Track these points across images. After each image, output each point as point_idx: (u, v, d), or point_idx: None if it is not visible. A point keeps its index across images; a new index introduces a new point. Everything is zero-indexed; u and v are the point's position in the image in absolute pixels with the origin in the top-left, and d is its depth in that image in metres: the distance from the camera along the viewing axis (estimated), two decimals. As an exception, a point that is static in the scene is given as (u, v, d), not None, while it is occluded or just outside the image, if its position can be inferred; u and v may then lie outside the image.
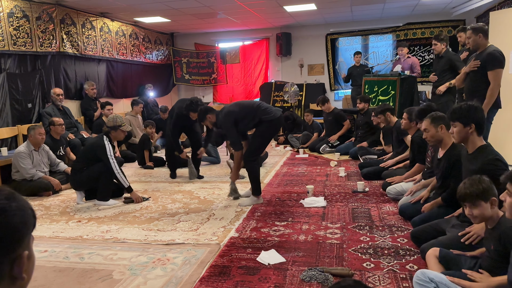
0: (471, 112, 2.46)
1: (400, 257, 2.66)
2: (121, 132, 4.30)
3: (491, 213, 1.93)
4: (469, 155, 2.52)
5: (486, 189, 1.92)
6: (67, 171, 4.95)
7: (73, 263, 2.79)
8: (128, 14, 7.79)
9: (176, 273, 2.55)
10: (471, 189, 1.94)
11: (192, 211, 3.90)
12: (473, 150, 2.49)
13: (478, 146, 2.47)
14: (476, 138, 2.48)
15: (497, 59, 3.82)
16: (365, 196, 4.15)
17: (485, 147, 2.46)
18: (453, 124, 2.53)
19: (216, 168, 6.04)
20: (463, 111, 2.47)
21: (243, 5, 7.16)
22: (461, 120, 2.46)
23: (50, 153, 4.96)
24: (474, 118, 2.45)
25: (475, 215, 1.95)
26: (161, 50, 10.03)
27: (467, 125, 2.45)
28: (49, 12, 6.35)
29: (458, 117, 2.48)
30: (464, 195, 1.96)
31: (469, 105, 2.49)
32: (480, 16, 7.77)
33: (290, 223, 3.43)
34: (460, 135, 2.50)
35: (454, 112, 2.52)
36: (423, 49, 9.16)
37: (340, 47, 9.81)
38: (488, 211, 1.92)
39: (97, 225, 3.58)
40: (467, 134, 2.47)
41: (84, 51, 7.17)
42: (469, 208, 1.97)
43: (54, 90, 6.13)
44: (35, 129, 4.72)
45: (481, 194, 1.91)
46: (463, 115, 2.46)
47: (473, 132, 2.46)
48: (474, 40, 3.93)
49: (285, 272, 2.51)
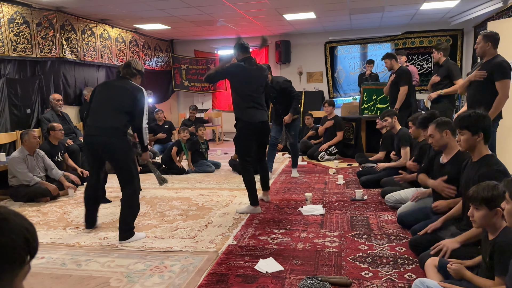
0: (480, 121, 2.43)
1: (399, 266, 2.65)
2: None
3: (493, 223, 1.92)
4: (473, 163, 2.51)
5: (495, 197, 1.88)
6: (62, 180, 4.87)
7: (70, 270, 2.77)
8: (128, 21, 7.83)
9: (174, 281, 2.54)
10: (481, 193, 1.91)
11: (190, 218, 3.89)
12: (478, 158, 2.47)
13: (484, 155, 2.45)
14: (482, 146, 2.46)
15: (505, 69, 3.74)
16: (364, 204, 4.14)
17: (490, 157, 2.44)
18: (460, 132, 2.49)
19: (215, 175, 6.03)
20: (472, 119, 2.44)
21: (242, 13, 7.20)
22: (470, 129, 2.43)
23: (45, 158, 4.93)
24: (483, 126, 2.42)
25: (475, 218, 1.95)
26: (161, 56, 10.07)
27: (476, 134, 2.42)
28: (50, 18, 6.38)
29: (466, 125, 2.45)
30: (472, 195, 1.95)
31: (478, 113, 2.46)
32: (478, 25, 7.82)
33: (288, 231, 3.42)
34: (468, 143, 2.46)
35: (462, 120, 2.49)
36: (422, 58, 9.22)
37: (339, 55, 9.87)
38: (488, 219, 1.91)
39: (94, 231, 3.57)
40: (475, 143, 2.44)
41: (83, 57, 7.19)
42: (472, 209, 1.96)
43: (53, 96, 6.14)
44: (29, 134, 4.71)
45: (487, 200, 1.89)
46: (472, 123, 2.43)
47: (481, 140, 2.44)
48: (482, 47, 3.82)
49: (283, 280, 2.50)
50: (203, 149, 6.45)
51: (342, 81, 9.95)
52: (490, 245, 1.92)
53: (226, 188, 5.10)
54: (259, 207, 3.98)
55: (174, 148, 6.19)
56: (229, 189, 5.03)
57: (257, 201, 3.99)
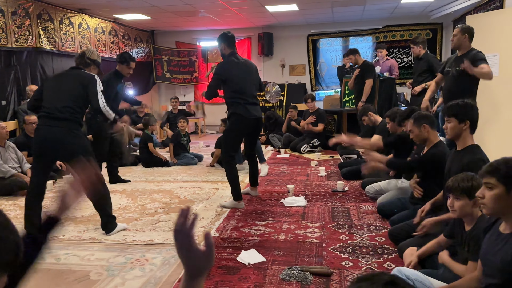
0: (467, 110, 2.48)
1: (378, 255, 2.70)
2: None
3: (471, 212, 1.97)
4: (458, 152, 2.54)
5: (475, 187, 1.91)
6: (28, 172, 4.63)
7: (49, 264, 2.72)
8: (107, 10, 7.66)
9: (155, 274, 2.53)
10: (461, 183, 1.95)
11: (172, 211, 3.86)
12: (462, 147, 2.51)
13: (468, 145, 2.49)
14: (468, 136, 2.50)
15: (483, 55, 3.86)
16: (345, 196, 4.20)
17: (474, 147, 2.48)
18: (448, 120, 2.53)
19: (197, 168, 6.00)
20: (460, 107, 2.49)
21: (225, 4, 7.14)
22: (457, 117, 2.47)
23: (17, 150, 4.80)
24: (470, 115, 2.47)
25: (455, 208, 1.98)
26: (141, 47, 9.91)
27: (462, 122, 2.46)
28: (26, 7, 6.19)
29: (454, 113, 2.49)
30: (452, 186, 1.98)
31: (466, 102, 2.51)
32: (457, 19, 7.96)
33: (270, 222, 3.44)
34: (453, 131, 2.50)
35: (450, 108, 2.53)
36: (402, 51, 9.32)
37: (321, 48, 9.89)
38: (468, 208, 1.95)
39: (74, 225, 3.51)
40: (460, 131, 2.48)
41: (61, 48, 7.01)
42: (452, 200, 2.00)
43: (30, 87, 5.96)
44: None
45: (467, 190, 1.93)
46: (460, 111, 2.47)
47: (467, 129, 2.48)
48: (459, 39, 3.93)
49: (265, 271, 2.52)
50: (185, 141, 6.41)
51: (324, 74, 9.99)
52: (467, 235, 1.97)
53: (208, 181, 5.09)
54: (242, 202, 3.94)
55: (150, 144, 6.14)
56: (211, 182, 5.01)
57: (241, 196, 3.95)
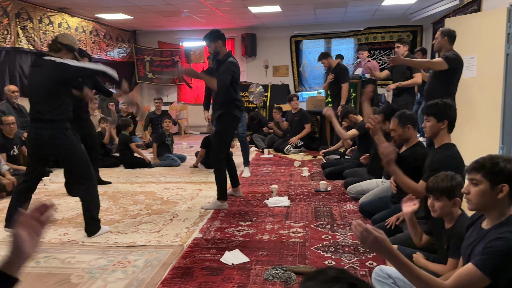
0: (446, 109, 2.55)
1: (360, 254, 2.74)
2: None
3: (451, 211, 2.01)
4: (434, 149, 2.62)
5: (455, 187, 1.96)
6: (6, 174, 4.57)
7: (28, 267, 2.66)
8: (88, 10, 7.54)
9: (138, 276, 2.50)
10: (441, 183, 1.98)
11: (154, 212, 3.83)
12: (438, 145, 2.58)
13: (444, 143, 2.56)
14: (445, 134, 2.56)
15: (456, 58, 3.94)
16: (327, 195, 4.23)
17: (449, 145, 2.55)
18: (427, 119, 2.59)
19: (180, 169, 5.96)
20: (439, 107, 2.55)
21: (208, 4, 7.11)
22: (436, 116, 2.54)
23: None
24: (448, 115, 2.54)
25: (435, 208, 2.02)
26: (123, 47, 9.79)
27: (440, 121, 2.53)
28: (4, 6, 6.04)
29: (433, 112, 2.55)
30: (432, 187, 2.02)
31: (445, 102, 2.57)
32: (436, 22, 8.12)
33: (254, 222, 3.44)
34: (432, 130, 2.57)
35: (429, 107, 2.60)
36: (383, 53, 9.46)
37: (304, 49, 9.96)
38: (448, 208, 1.99)
39: (54, 227, 3.45)
40: (438, 130, 2.55)
41: (41, 47, 6.87)
42: (432, 200, 2.03)
43: (9, 87, 5.82)
44: None
45: (447, 190, 1.96)
46: (439, 111, 2.54)
47: (445, 128, 2.55)
48: (440, 42, 4.04)
49: (249, 271, 2.52)
50: (169, 141, 6.37)
51: (307, 75, 10.06)
52: (447, 233, 2.02)
53: (191, 182, 5.06)
54: (226, 203, 3.93)
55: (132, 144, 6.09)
56: (194, 183, 4.99)
57: (226, 196, 3.96)
